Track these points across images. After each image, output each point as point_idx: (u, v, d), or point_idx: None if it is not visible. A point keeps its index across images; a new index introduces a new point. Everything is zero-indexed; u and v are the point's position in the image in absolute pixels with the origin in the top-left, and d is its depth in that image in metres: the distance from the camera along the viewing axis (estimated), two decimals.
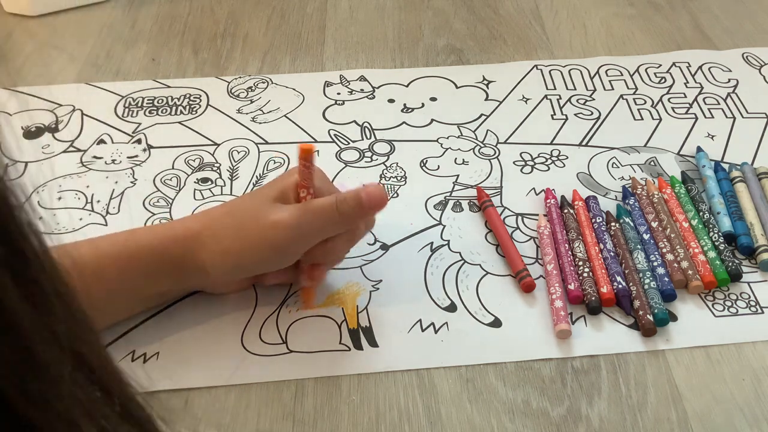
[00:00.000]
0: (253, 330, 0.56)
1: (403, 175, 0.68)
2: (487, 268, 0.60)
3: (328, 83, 0.79)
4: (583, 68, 0.81)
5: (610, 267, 0.59)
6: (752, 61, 0.81)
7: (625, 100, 0.76)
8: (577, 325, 0.56)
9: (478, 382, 0.53)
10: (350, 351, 0.54)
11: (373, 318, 0.57)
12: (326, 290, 0.58)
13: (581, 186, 0.67)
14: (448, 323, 0.56)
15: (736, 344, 0.55)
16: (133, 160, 0.70)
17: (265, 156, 0.71)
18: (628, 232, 0.61)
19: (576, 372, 0.53)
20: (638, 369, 0.53)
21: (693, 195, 0.64)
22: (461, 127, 0.73)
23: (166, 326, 0.56)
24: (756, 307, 0.57)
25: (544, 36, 0.86)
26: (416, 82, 0.79)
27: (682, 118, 0.74)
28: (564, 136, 0.72)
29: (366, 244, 0.62)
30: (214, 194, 0.67)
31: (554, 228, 0.62)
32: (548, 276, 0.58)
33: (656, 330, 0.55)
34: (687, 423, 0.50)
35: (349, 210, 0.52)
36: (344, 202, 0.52)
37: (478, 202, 0.65)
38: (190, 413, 0.51)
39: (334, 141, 0.72)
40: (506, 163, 0.70)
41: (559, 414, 0.51)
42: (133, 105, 0.76)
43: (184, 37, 0.86)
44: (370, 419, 0.51)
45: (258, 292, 0.58)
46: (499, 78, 0.80)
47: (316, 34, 0.86)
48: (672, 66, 0.81)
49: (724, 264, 0.59)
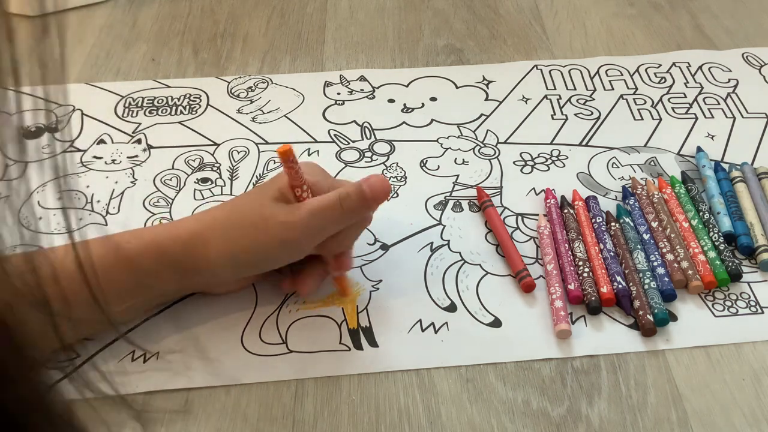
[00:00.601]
0: (253, 330, 0.56)
1: (403, 175, 0.68)
2: (487, 268, 0.60)
3: (328, 83, 0.79)
4: (583, 68, 0.81)
5: (610, 267, 0.59)
6: (752, 61, 0.81)
7: (625, 100, 0.76)
8: (577, 325, 0.56)
9: (478, 382, 0.53)
10: (350, 351, 0.54)
11: (373, 318, 0.57)
12: (326, 290, 0.58)
13: (581, 186, 0.67)
14: (448, 323, 0.56)
15: (736, 344, 0.55)
16: (133, 160, 0.70)
17: (265, 156, 0.71)
18: (628, 232, 0.61)
19: (576, 372, 0.53)
20: (638, 369, 0.53)
21: (693, 195, 0.64)
22: (461, 127, 0.73)
23: (166, 326, 0.56)
24: (756, 307, 0.57)
25: (544, 36, 0.86)
26: (416, 82, 0.79)
27: (682, 118, 0.74)
28: (564, 136, 0.72)
29: (366, 244, 0.62)
30: (214, 194, 0.67)
31: (554, 228, 0.62)
32: (548, 276, 0.58)
33: (656, 330, 0.55)
34: (687, 423, 0.50)
35: (353, 205, 0.53)
36: (348, 197, 0.52)
37: (478, 202, 0.65)
38: (190, 413, 0.51)
39: (334, 141, 0.72)
40: (506, 163, 0.70)
41: (559, 414, 0.51)
42: (133, 105, 0.76)
43: (184, 37, 0.86)
44: (370, 419, 0.51)
45: (258, 292, 0.58)
46: (499, 78, 0.80)
47: (316, 34, 0.86)
48: (672, 66, 0.81)
49: (724, 264, 0.59)
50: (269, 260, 0.54)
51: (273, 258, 0.54)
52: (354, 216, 0.54)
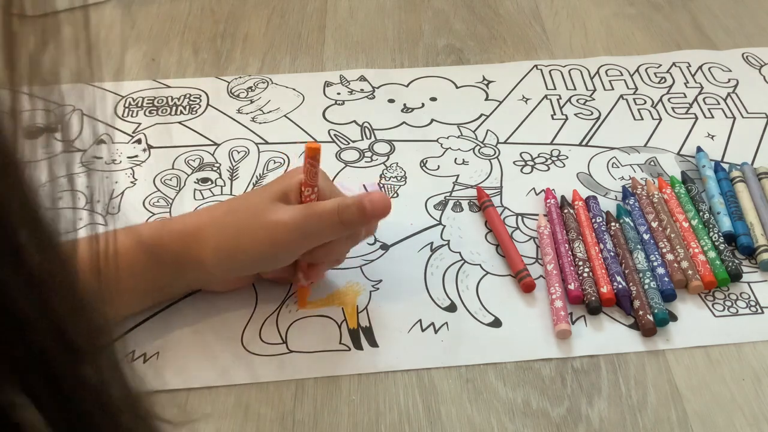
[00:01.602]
0: (253, 330, 0.56)
1: (403, 175, 0.68)
2: (487, 268, 0.60)
3: (328, 83, 0.79)
4: (583, 68, 0.81)
5: (610, 267, 0.59)
6: (752, 61, 0.81)
7: (625, 100, 0.76)
8: (577, 325, 0.56)
9: (478, 382, 0.53)
10: (350, 351, 0.54)
11: (373, 318, 0.57)
12: (326, 290, 0.58)
13: (581, 186, 0.67)
14: (448, 323, 0.56)
15: (736, 344, 0.55)
16: (133, 160, 0.70)
17: (265, 156, 0.71)
18: (628, 232, 0.61)
19: (576, 372, 0.53)
20: (638, 369, 0.53)
21: (693, 195, 0.64)
22: (461, 127, 0.73)
23: (166, 326, 0.56)
24: (756, 307, 0.57)
25: (544, 36, 0.86)
26: (416, 82, 0.79)
27: (682, 118, 0.74)
28: (564, 136, 0.72)
29: (366, 244, 0.62)
30: (214, 194, 0.67)
31: (554, 228, 0.62)
32: (548, 276, 0.58)
33: (656, 330, 0.55)
34: (687, 423, 0.50)
35: (351, 217, 0.52)
36: (347, 209, 0.52)
37: (478, 202, 0.65)
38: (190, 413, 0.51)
39: (334, 141, 0.72)
40: (506, 163, 0.70)
41: (559, 414, 0.51)
42: (133, 105, 0.76)
43: (184, 37, 0.86)
44: (370, 419, 0.51)
45: (258, 292, 0.58)
46: (499, 78, 0.80)
47: (316, 34, 0.86)
48: (672, 66, 0.81)
49: (724, 264, 0.59)
50: (260, 261, 0.54)
51: (263, 259, 0.54)
52: (349, 228, 0.53)
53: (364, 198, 0.53)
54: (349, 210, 0.52)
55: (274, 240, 0.52)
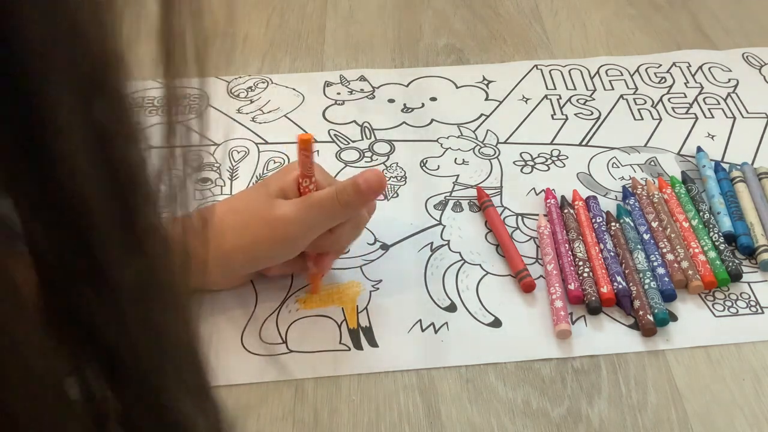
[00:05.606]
0: (253, 329, 0.56)
1: (403, 175, 0.68)
2: (487, 268, 0.60)
3: (328, 83, 0.79)
4: (583, 68, 0.81)
5: (610, 267, 0.59)
6: (752, 61, 0.81)
7: (625, 100, 0.76)
8: (577, 325, 0.56)
9: (478, 382, 0.53)
10: (350, 351, 0.54)
11: (373, 318, 0.57)
12: (327, 289, 0.58)
13: (581, 186, 0.67)
14: (448, 323, 0.56)
15: (736, 344, 0.55)
16: None
17: (265, 156, 0.71)
18: (628, 232, 0.61)
19: (576, 372, 0.53)
20: (638, 369, 0.53)
21: (693, 195, 0.64)
22: (461, 127, 0.73)
23: None
24: (756, 307, 0.57)
25: (544, 36, 0.86)
26: (416, 82, 0.79)
27: (682, 118, 0.74)
28: (564, 136, 0.72)
29: (366, 244, 0.62)
30: (214, 194, 0.67)
31: (554, 228, 0.62)
32: (548, 276, 0.58)
33: (656, 330, 0.55)
34: (687, 423, 0.50)
35: (349, 198, 0.53)
36: (343, 191, 0.53)
37: (478, 202, 0.65)
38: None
39: (334, 141, 0.72)
40: (506, 163, 0.70)
41: (559, 414, 0.51)
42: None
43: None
44: (370, 419, 0.51)
45: (258, 292, 0.58)
46: (499, 78, 0.80)
47: (316, 34, 0.86)
48: (672, 66, 0.81)
49: (724, 264, 0.59)
50: (266, 257, 0.55)
51: (269, 254, 0.54)
52: (350, 210, 0.54)
53: (358, 177, 0.53)
54: (346, 191, 0.53)
55: (280, 234, 0.53)
